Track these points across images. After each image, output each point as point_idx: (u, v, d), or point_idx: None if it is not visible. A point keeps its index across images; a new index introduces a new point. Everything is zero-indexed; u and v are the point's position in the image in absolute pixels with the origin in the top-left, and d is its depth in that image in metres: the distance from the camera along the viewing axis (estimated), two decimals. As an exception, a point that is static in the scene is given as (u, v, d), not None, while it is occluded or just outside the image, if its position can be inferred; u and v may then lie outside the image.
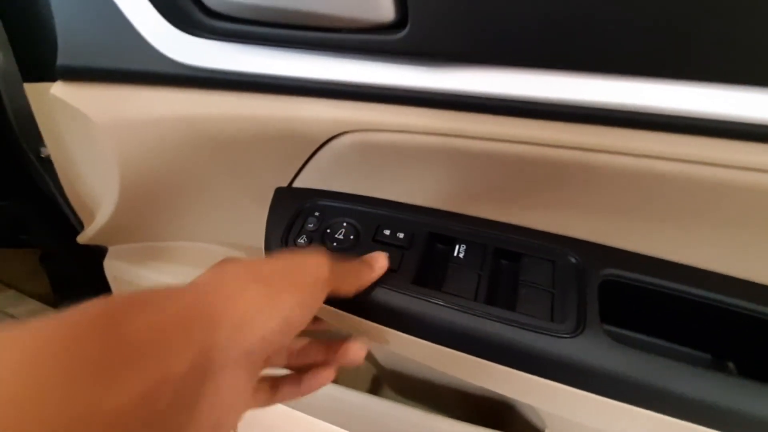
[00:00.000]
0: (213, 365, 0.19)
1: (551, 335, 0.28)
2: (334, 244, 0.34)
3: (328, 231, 0.35)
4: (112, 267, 0.58)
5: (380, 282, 0.31)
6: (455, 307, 0.30)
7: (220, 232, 0.51)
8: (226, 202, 0.44)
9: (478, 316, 0.30)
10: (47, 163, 0.56)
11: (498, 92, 0.24)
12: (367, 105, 0.27)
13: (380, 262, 0.31)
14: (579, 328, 0.29)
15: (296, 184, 0.39)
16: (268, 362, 0.25)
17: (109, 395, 0.15)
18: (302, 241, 0.35)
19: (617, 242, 0.33)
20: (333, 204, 0.37)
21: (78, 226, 0.62)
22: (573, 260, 0.32)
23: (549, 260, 0.33)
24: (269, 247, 0.35)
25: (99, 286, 0.62)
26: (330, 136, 0.30)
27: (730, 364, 0.34)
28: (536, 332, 0.29)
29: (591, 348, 0.28)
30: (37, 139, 0.55)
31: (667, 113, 0.23)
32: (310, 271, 0.25)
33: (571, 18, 0.21)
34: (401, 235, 0.34)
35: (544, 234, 0.34)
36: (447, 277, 0.32)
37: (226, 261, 0.24)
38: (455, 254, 0.33)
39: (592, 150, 0.25)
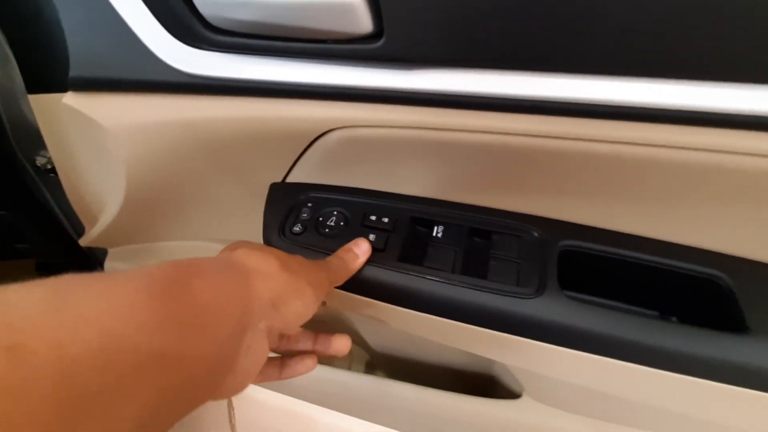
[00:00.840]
0: (247, 331, 0.23)
1: (517, 297, 0.33)
2: (326, 230, 0.38)
3: (320, 219, 0.39)
4: (112, 269, 0.60)
5: (370, 261, 0.35)
6: (435, 279, 0.35)
7: (217, 230, 0.54)
8: (224, 199, 0.48)
9: (455, 285, 0.34)
10: (43, 172, 0.59)
11: (464, 90, 0.28)
12: (352, 104, 0.31)
13: (362, 246, 0.35)
14: (540, 290, 0.33)
15: (289, 179, 0.43)
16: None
17: (187, 345, 0.19)
18: (297, 228, 0.39)
19: (581, 218, 0.38)
20: (324, 195, 0.41)
21: (74, 234, 0.65)
22: (536, 235, 0.37)
23: (515, 236, 0.37)
24: (268, 237, 0.39)
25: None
26: (320, 132, 0.35)
27: (674, 319, 0.39)
28: (504, 295, 0.33)
29: (550, 306, 0.33)
30: (34, 149, 0.58)
31: (616, 104, 0.28)
32: (319, 272, 0.30)
33: (522, 23, 0.25)
34: (386, 220, 0.38)
35: (512, 214, 0.39)
36: (428, 254, 0.37)
37: (250, 246, 0.28)
38: (434, 234, 0.38)
39: (551, 137, 0.30)
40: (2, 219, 0.65)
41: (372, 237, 0.37)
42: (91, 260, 0.72)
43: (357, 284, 0.35)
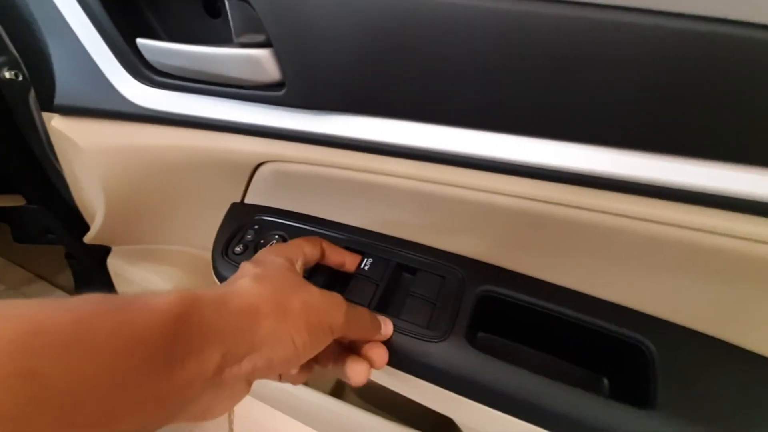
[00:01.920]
0: (227, 372, 0.22)
1: (422, 339, 0.33)
2: (264, 253, 0.41)
3: (261, 242, 0.42)
4: (113, 265, 0.67)
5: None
6: (349, 311, 0.36)
7: (201, 238, 0.59)
8: (199, 212, 0.52)
9: (365, 319, 0.35)
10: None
11: (358, 135, 0.30)
12: (273, 141, 0.34)
13: (388, 329, 0.33)
14: (446, 335, 0.33)
15: (249, 198, 0.46)
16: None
17: (180, 372, 0.20)
18: (239, 249, 0.42)
19: (508, 263, 0.37)
20: (271, 218, 0.44)
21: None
22: (459, 276, 0.37)
23: (439, 275, 0.37)
24: (213, 256, 0.42)
25: (112, 282, 0.72)
26: (255, 164, 0.37)
27: (605, 380, 0.37)
28: (410, 336, 0.34)
29: (452, 352, 0.32)
30: (61, 154, 0.66)
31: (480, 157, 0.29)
32: (328, 318, 0.27)
33: (402, 78, 0.27)
34: (319, 248, 0.40)
35: (442, 252, 0.39)
36: (350, 286, 0.38)
37: (259, 281, 0.26)
38: (362, 266, 0.39)
39: (430, 181, 0.31)
40: (34, 212, 0.75)
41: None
42: (108, 253, 0.81)
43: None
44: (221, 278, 0.41)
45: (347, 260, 0.37)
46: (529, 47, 0.24)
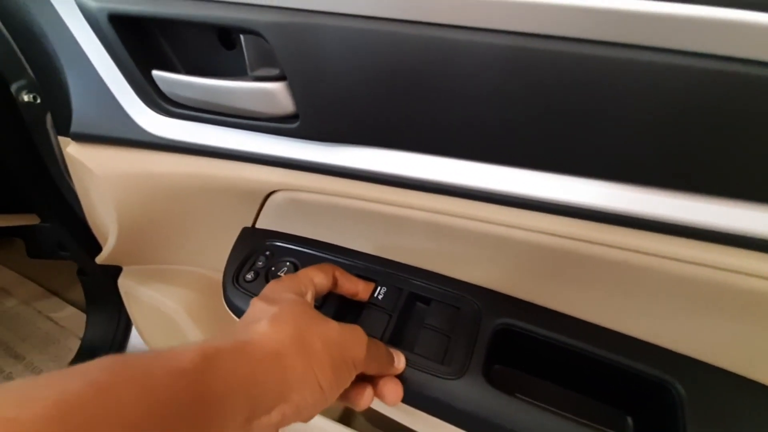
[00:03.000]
0: (255, 425, 0.22)
1: (437, 376, 0.32)
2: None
3: (272, 269, 0.41)
4: (124, 285, 0.67)
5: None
6: (362, 344, 0.35)
7: (212, 260, 0.59)
8: (211, 236, 0.52)
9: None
10: (83, 194, 0.68)
11: (371, 167, 0.30)
12: (286, 171, 0.33)
13: (401, 363, 0.32)
14: (462, 372, 0.32)
15: (260, 223, 0.46)
16: None
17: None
18: (250, 276, 0.41)
19: (525, 294, 0.36)
20: (282, 244, 0.43)
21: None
22: (475, 307, 0.36)
23: (455, 306, 0.36)
24: (225, 283, 0.42)
25: (122, 298, 0.72)
26: (267, 192, 0.37)
27: (629, 419, 0.35)
28: (424, 372, 0.32)
29: (468, 392, 0.31)
30: (76, 174, 0.67)
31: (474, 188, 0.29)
32: (350, 353, 0.27)
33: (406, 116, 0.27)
34: (331, 276, 0.39)
35: (457, 282, 0.38)
36: (362, 316, 0.37)
37: (277, 322, 0.25)
38: (375, 295, 0.38)
39: (442, 214, 0.31)
40: (48, 229, 0.76)
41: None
42: (118, 271, 0.81)
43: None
44: (232, 306, 0.41)
45: (360, 289, 0.36)
46: (539, 83, 0.23)
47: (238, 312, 0.41)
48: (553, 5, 0.21)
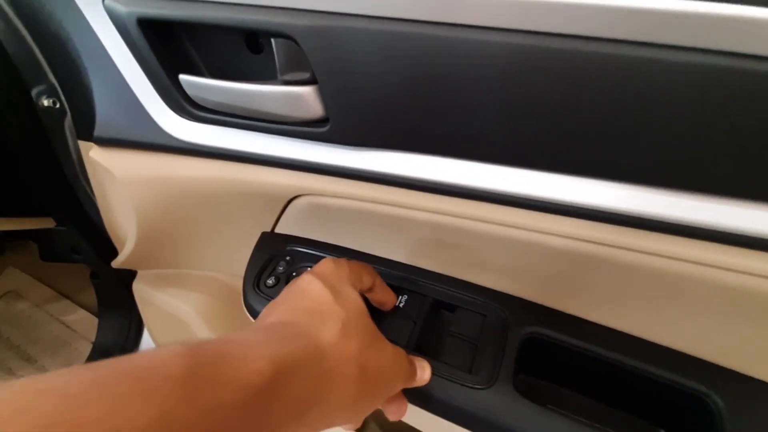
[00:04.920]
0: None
1: (465, 386, 0.31)
2: (296, 286, 0.40)
3: (294, 274, 0.41)
4: (138, 289, 0.67)
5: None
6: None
7: (229, 265, 0.59)
8: (230, 240, 0.52)
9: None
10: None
11: (401, 172, 0.29)
12: (311, 175, 0.33)
13: (426, 374, 0.31)
14: (491, 382, 0.31)
15: (279, 228, 0.45)
16: None
17: None
18: (271, 281, 0.41)
19: (554, 303, 0.36)
20: (303, 249, 0.43)
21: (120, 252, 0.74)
22: (502, 315, 0.35)
23: (481, 314, 0.36)
24: (245, 289, 0.41)
25: (134, 303, 0.72)
26: (290, 196, 0.37)
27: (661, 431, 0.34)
28: (452, 381, 0.32)
29: (498, 402, 0.31)
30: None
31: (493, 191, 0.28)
32: (394, 384, 0.27)
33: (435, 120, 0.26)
34: (352, 282, 0.39)
35: (482, 289, 0.37)
36: (385, 323, 0.36)
37: (347, 334, 0.24)
38: (398, 303, 0.38)
39: (472, 219, 0.31)
40: (63, 233, 0.76)
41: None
42: (132, 275, 0.81)
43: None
44: (252, 311, 0.41)
45: (390, 300, 0.35)
46: (571, 86, 0.23)
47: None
48: (568, 3, 0.20)
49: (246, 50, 0.33)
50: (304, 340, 0.23)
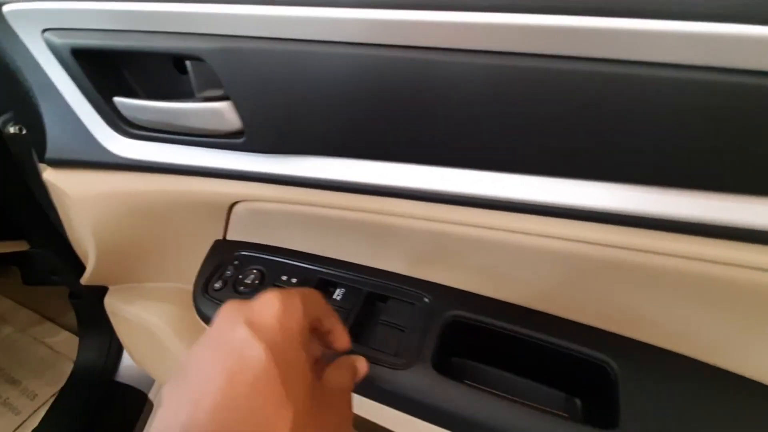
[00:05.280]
0: None
1: (389, 367, 0.34)
2: (242, 288, 0.43)
3: (240, 277, 0.43)
4: (110, 304, 0.69)
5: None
6: (320, 343, 0.37)
7: (191, 275, 0.61)
8: (187, 250, 0.54)
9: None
10: (70, 218, 0.71)
11: (318, 175, 0.32)
12: (243, 183, 0.36)
13: (362, 368, 0.30)
14: (411, 362, 0.34)
15: (231, 234, 0.48)
16: None
17: None
18: (218, 285, 0.43)
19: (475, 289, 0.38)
20: (249, 253, 0.45)
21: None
22: (427, 301, 0.38)
23: (409, 302, 0.38)
24: (194, 293, 0.44)
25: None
26: (229, 204, 0.40)
27: (578, 402, 0.37)
28: (379, 365, 0.34)
29: (416, 380, 0.33)
30: (63, 200, 0.70)
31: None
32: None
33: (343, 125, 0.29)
34: (294, 280, 0.42)
35: (415, 280, 0.40)
36: (322, 316, 0.39)
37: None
38: (334, 297, 0.40)
39: (395, 215, 0.32)
40: (40, 255, 0.78)
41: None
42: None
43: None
44: (201, 315, 0.43)
45: (345, 344, 0.29)
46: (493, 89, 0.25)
47: (209, 321, 0.43)
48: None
49: (175, 71, 0.36)
50: None
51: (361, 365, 0.31)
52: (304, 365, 0.21)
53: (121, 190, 0.42)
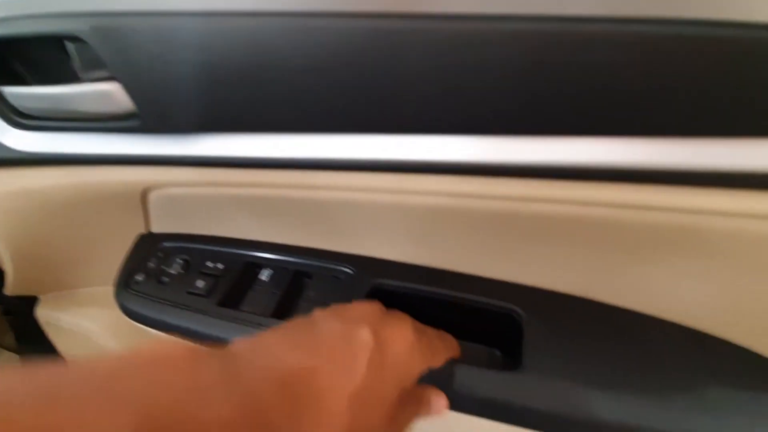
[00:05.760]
0: None
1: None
2: (165, 278, 0.42)
3: (162, 268, 0.42)
4: (42, 315, 0.66)
5: (188, 306, 0.38)
6: (245, 324, 0.37)
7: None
8: (109, 249, 0.52)
9: (259, 327, 0.36)
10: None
11: (223, 153, 0.32)
12: (144, 168, 0.35)
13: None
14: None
15: (156, 227, 0.47)
16: None
17: None
18: (140, 277, 0.42)
19: (397, 256, 0.39)
20: (174, 245, 0.45)
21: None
22: (350, 273, 0.39)
23: (333, 276, 0.39)
24: (115, 290, 0.43)
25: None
26: (138, 192, 0.39)
27: (497, 352, 0.39)
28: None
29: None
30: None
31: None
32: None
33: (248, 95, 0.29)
34: (220, 266, 0.41)
35: (340, 255, 0.41)
36: (248, 298, 0.39)
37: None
38: (261, 278, 0.40)
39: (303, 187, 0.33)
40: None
41: (201, 284, 0.40)
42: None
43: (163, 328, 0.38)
44: (125, 309, 0.42)
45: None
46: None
47: (133, 315, 0.42)
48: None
49: (64, 55, 0.34)
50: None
51: (437, 405, 0.28)
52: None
53: (24, 187, 0.40)
